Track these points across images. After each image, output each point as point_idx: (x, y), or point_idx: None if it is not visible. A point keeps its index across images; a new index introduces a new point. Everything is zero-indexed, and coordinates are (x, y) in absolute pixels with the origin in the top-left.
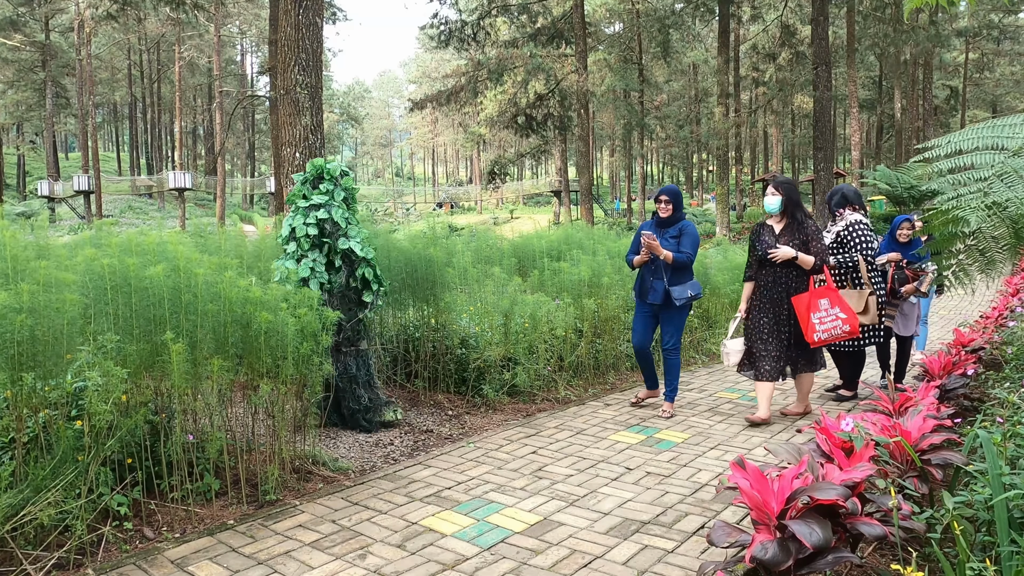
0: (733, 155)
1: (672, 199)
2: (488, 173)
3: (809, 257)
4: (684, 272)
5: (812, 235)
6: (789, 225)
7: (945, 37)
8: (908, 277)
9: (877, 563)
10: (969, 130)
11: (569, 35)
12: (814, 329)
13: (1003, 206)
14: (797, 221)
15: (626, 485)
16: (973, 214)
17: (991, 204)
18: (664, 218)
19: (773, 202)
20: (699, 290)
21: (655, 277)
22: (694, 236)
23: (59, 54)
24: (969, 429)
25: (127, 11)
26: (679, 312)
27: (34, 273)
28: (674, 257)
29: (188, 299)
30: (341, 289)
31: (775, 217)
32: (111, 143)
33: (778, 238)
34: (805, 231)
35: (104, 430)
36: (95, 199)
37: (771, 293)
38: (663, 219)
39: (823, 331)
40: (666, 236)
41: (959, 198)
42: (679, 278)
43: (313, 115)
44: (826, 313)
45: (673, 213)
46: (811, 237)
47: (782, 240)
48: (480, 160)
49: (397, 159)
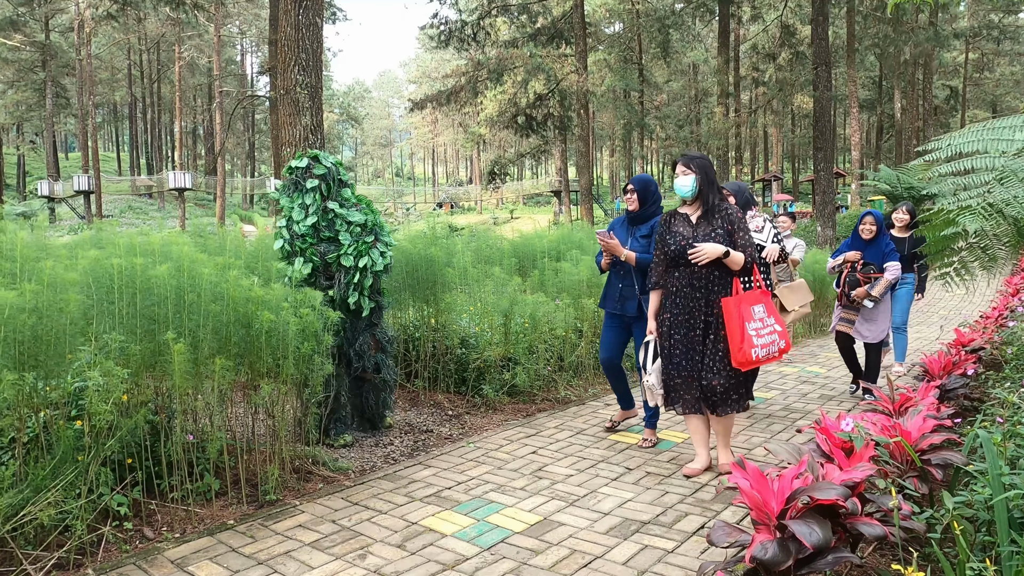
0: (733, 155)
1: (640, 190)
2: (488, 173)
3: (739, 254)
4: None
5: (737, 224)
6: (707, 213)
7: (945, 37)
8: (860, 280)
9: (877, 563)
10: (969, 131)
11: (569, 35)
12: (750, 343)
13: (1002, 206)
14: (716, 207)
15: (626, 485)
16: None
17: (991, 204)
18: (633, 213)
19: (685, 183)
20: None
21: (624, 283)
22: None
23: (59, 54)
24: (969, 429)
25: (127, 11)
26: None
27: (39, 273)
28: (638, 259)
29: (192, 299)
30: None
31: (689, 203)
32: (111, 143)
33: (696, 230)
34: (728, 219)
35: (104, 430)
36: (95, 199)
37: (685, 302)
38: (633, 215)
39: (763, 348)
40: (637, 235)
41: (959, 202)
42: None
43: (313, 115)
44: (762, 324)
45: (642, 208)
46: (736, 227)
47: (701, 232)
48: (480, 160)
49: (397, 159)
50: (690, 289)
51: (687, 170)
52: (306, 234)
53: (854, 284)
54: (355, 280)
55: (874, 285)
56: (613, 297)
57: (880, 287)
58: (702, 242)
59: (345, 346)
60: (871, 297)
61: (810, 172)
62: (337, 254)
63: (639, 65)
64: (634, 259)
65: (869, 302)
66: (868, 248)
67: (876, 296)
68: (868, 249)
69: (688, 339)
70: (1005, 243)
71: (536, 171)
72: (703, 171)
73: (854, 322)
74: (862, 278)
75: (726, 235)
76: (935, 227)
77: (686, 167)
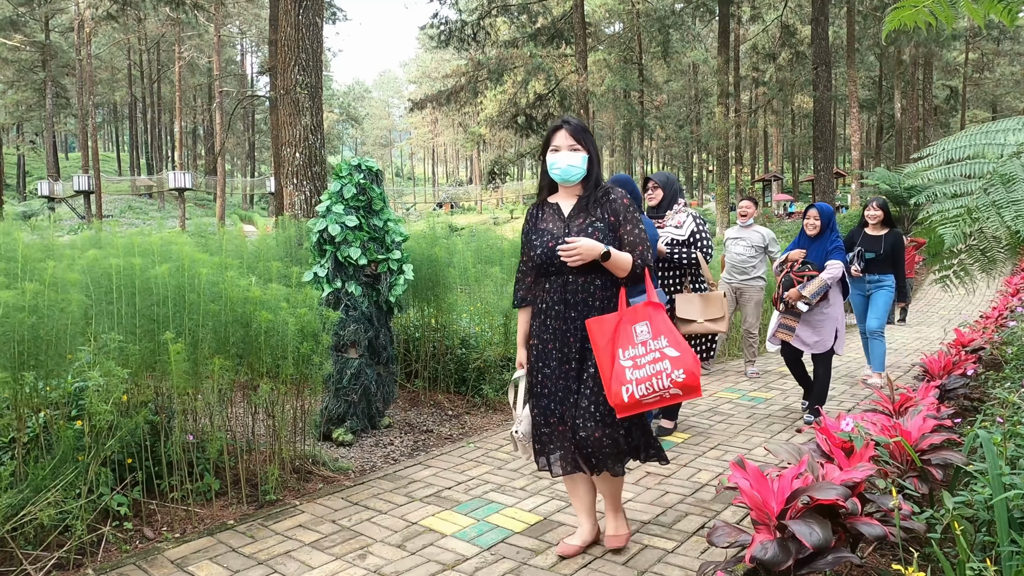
0: (733, 155)
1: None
2: (488, 173)
3: (625, 255)
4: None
5: (624, 215)
6: (584, 202)
7: (945, 37)
8: (793, 280)
9: (877, 563)
10: (965, 134)
11: (569, 35)
12: (621, 379)
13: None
14: (598, 196)
15: (626, 485)
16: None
17: (991, 204)
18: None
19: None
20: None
21: None
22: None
23: (59, 54)
24: (969, 429)
25: (127, 11)
26: None
27: (41, 273)
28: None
29: (192, 299)
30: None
31: (566, 189)
32: (111, 143)
33: (569, 224)
34: (613, 209)
35: (104, 430)
36: (95, 199)
37: (557, 323)
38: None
39: (641, 383)
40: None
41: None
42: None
43: (313, 115)
44: (645, 350)
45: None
46: (623, 218)
47: (575, 226)
48: (480, 160)
49: (397, 159)
50: (563, 306)
51: (576, 145)
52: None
53: (788, 285)
54: (400, 282)
55: (806, 285)
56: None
57: (812, 286)
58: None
59: (374, 336)
60: (803, 299)
61: (810, 172)
62: (387, 257)
63: (639, 65)
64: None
65: (802, 304)
66: (812, 245)
67: (807, 296)
68: (812, 247)
69: (561, 373)
70: (1004, 247)
71: (536, 171)
72: (585, 143)
73: (795, 329)
74: (796, 278)
75: (608, 229)
76: (934, 228)
77: (575, 140)
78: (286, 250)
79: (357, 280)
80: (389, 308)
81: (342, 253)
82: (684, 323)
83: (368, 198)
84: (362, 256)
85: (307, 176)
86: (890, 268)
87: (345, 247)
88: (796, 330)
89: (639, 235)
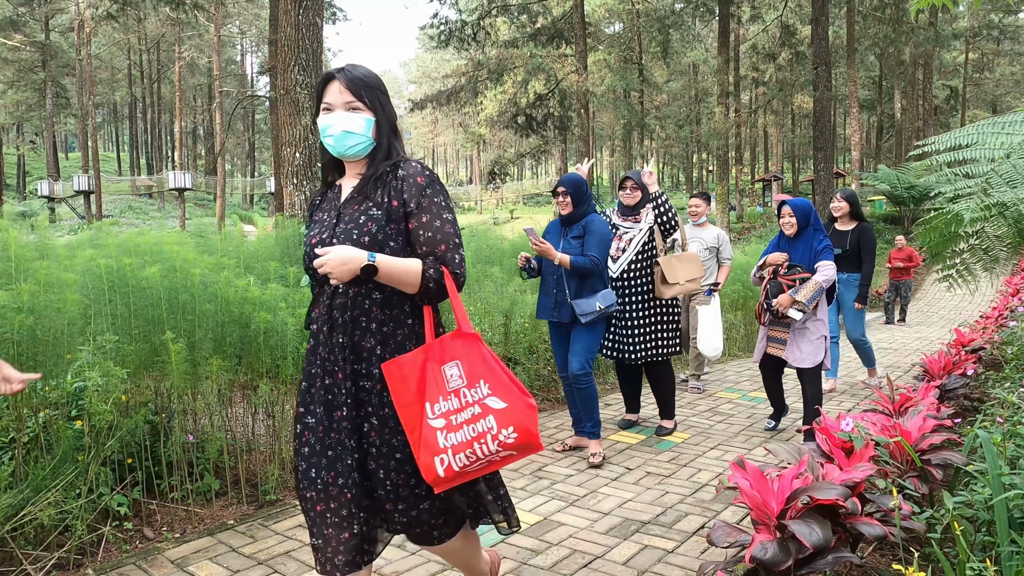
0: (733, 155)
1: (571, 191)
2: (488, 173)
3: (407, 265)
4: (591, 280)
5: (420, 201)
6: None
7: (945, 37)
8: (783, 286)
9: (877, 563)
10: (964, 130)
11: (569, 35)
12: (432, 446)
13: (1004, 206)
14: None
15: (626, 485)
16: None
17: (992, 204)
18: (566, 215)
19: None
20: (612, 301)
21: (558, 288)
22: (602, 235)
23: (59, 54)
24: (969, 429)
25: (127, 11)
26: (589, 330)
27: (35, 273)
28: (572, 261)
29: (186, 299)
30: None
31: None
32: (111, 143)
33: (341, 213)
34: (399, 190)
35: (104, 430)
36: (95, 199)
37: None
38: (565, 216)
39: (459, 451)
40: (569, 237)
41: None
42: (585, 288)
43: (313, 115)
44: (460, 403)
45: (575, 208)
46: (417, 205)
47: (347, 216)
48: (480, 160)
49: None
50: (328, 328)
51: (355, 102)
52: None
53: (776, 291)
54: None
55: (799, 289)
56: (548, 306)
57: (806, 290)
58: (342, 237)
59: None
60: (798, 305)
61: (810, 172)
62: None
63: (639, 65)
64: (568, 262)
65: (796, 312)
66: (794, 246)
67: (802, 301)
68: (794, 248)
69: (332, 424)
70: (1006, 244)
71: (536, 171)
72: (385, 105)
73: (786, 342)
74: (785, 283)
75: (387, 220)
76: (935, 228)
77: (354, 95)
78: (284, 250)
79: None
80: None
81: None
82: (668, 287)
83: None
84: None
85: (307, 176)
86: (858, 266)
87: None
88: (787, 343)
89: (440, 231)
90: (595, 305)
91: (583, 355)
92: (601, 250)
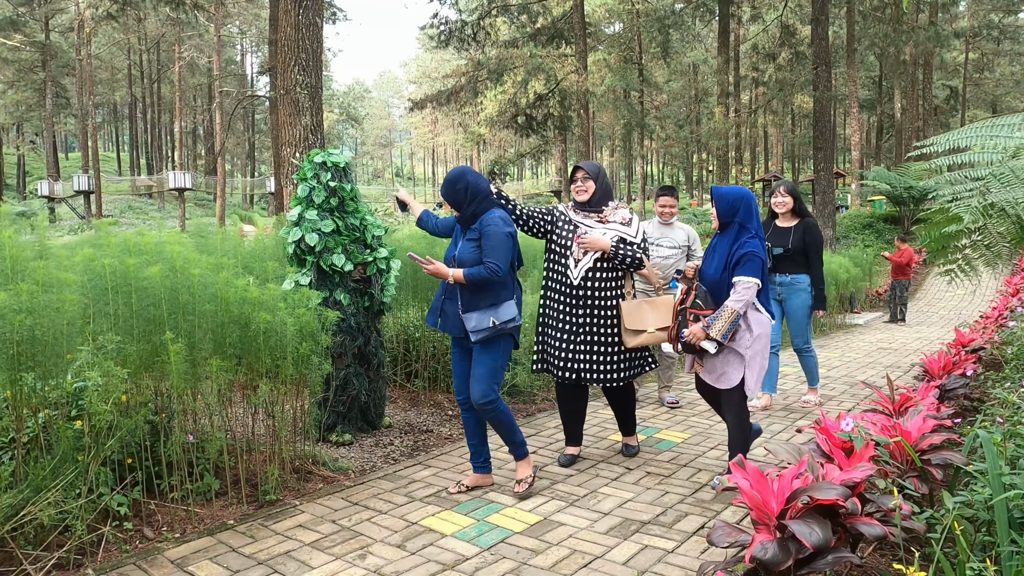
0: (733, 155)
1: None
2: (488, 173)
3: None
4: (489, 291)
5: None
6: None
7: (945, 37)
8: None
9: (877, 563)
10: (965, 130)
11: (569, 35)
12: None
13: (1002, 206)
14: None
15: (626, 485)
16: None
17: (990, 204)
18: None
19: None
20: (513, 315)
21: (448, 297)
22: (499, 237)
23: (59, 54)
24: (969, 429)
25: (127, 11)
26: (488, 349)
27: (33, 273)
28: (467, 276)
29: (186, 299)
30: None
31: None
32: (111, 143)
33: None
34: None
35: (104, 430)
36: (95, 199)
37: None
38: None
39: None
40: (467, 238)
41: (956, 193)
42: (479, 300)
43: (313, 115)
44: None
45: (465, 208)
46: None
47: None
48: (480, 160)
49: (397, 159)
50: None
51: None
52: (344, 232)
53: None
54: (391, 281)
55: (713, 321)
56: (435, 308)
57: (722, 322)
58: None
59: (363, 344)
60: (710, 339)
61: (810, 172)
62: (374, 257)
63: (639, 65)
64: (463, 278)
65: (710, 345)
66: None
67: (715, 336)
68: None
69: None
70: (1008, 241)
71: (536, 171)
72: None
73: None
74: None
75: None
76: (936, 225)
77: None
78: (283, 250)
79: (344, 288)
80: (380, 311)
81: (325, 261)
82: (633, 335)
83: (340, 199)
84: (347, 262)
85: None
86: (804, 267)
87: (327, 255)
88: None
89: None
90: (489, 321)
91: (485, 381)
92: (500, 254)
